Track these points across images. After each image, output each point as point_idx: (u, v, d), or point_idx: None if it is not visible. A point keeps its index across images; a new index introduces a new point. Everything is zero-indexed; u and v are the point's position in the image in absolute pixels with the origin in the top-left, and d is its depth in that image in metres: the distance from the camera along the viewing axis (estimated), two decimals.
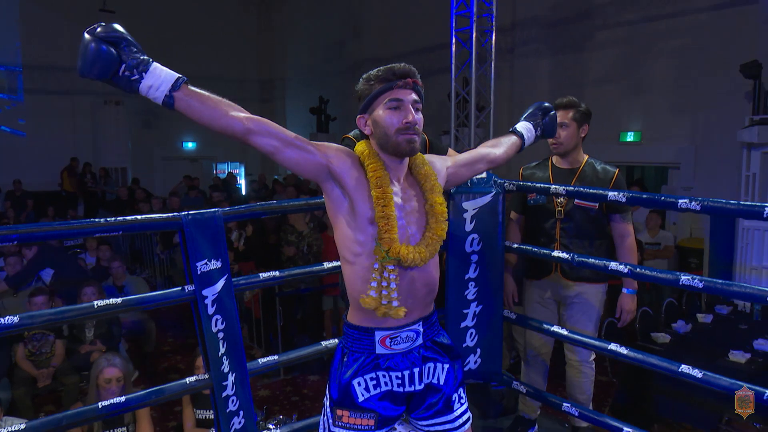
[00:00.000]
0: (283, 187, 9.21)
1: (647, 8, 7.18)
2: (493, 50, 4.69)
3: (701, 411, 3.70)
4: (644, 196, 2.08)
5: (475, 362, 2.49)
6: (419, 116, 1.55)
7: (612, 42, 7.63)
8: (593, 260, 2.17)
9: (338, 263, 2.19)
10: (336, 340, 2.19)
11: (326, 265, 2.16)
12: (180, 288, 1.87)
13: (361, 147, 1.61)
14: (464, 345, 2.49)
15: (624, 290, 2.55)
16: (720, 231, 5.76)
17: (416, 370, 1.60)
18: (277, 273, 2.06)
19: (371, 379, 1.57)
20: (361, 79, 1.61)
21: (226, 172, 14.75)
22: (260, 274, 2.04)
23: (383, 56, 11.13)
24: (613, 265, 2.08)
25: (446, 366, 1.65)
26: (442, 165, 1.76)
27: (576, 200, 2.54)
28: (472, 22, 4.51)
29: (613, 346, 2.13)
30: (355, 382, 1.56)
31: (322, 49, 12.94)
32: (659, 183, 7.91)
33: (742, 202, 1.76)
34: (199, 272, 1.85)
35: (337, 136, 2.77)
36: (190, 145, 15.17)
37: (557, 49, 8.26)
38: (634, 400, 3.89)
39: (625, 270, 2.02)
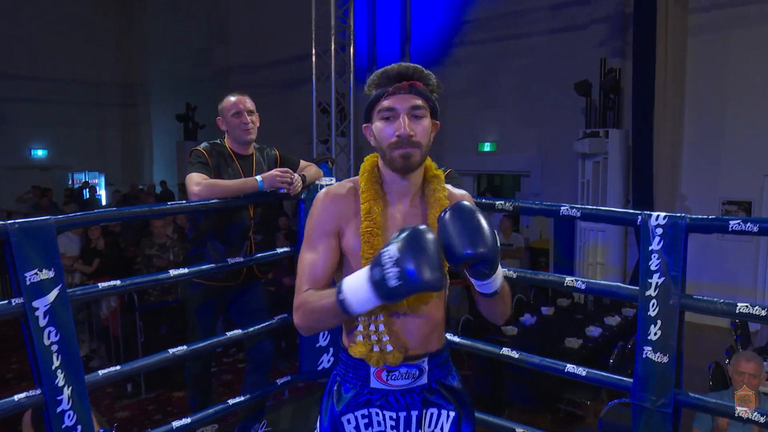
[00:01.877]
0: (146, 195, 8.76)
1: (497, 29, 7.79)
2: (352, 62, 4.86)
3: (544, 394, 4.11)
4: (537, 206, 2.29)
5: (329, 361, 2.58)
6: (420, 125, 1.31)
7: (468, 59, 8.17)
8: None
9: (181, 271, 2.18)
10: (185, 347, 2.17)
11: (172, 272, 2.13)
12: (6, 301, 1.76)
13: (365, 164, 1.43)
14: (317, 345, 2.57)
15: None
16: (562, 232, 6.41)
17: (414, 414, 1.37)
18: (118, 282, 2.00)
19: (363, 416, 1.38)
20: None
21: (83, 182, 13.70)
22: (99, 284, 1.97)
23: (252, 63, 11.00)
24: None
25: (452, 414, 1.40)
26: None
27: None
28: (330, 34, 4.65)
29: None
30: (344, 419, 1.39)
31: (189, 55, 12.49)
32: (514, 189, 8.60)
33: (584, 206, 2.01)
34: (28, 283, 1.76)
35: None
36: (40, 152, 13.87)
37: (419, 63, 8.66)
38: (488, 389, 4.21)
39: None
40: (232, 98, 2.59)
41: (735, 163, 5.96)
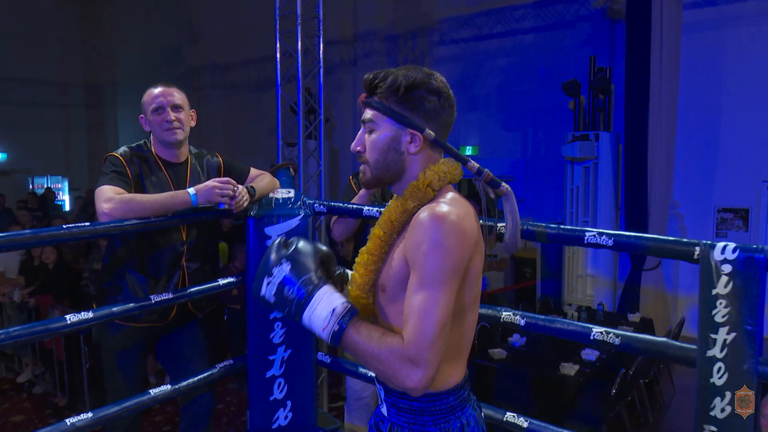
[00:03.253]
0: None
1: (480, 27, 7.40)
2: (321, 60, 4.39)
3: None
4: (534, 226, 1.83)
5: (286, 417, 2.11)
6: (373, 138, 1.21)
7: (449, 58, 7.78)
8: None
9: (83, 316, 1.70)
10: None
11: (69, 318, 1.65)
12: None
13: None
14: (271, 398, 2.09)
15: None
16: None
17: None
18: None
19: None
20: None
21: (45, 187, 13.01)
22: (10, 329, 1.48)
23: (222, 62, 10.48)
24: (506, 314, 1.81)
25: None
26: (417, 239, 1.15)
27: None
28: (298, 31, 4.18)
29: None
30: None
31: (158, 54, 11.90)
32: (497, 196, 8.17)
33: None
34: None
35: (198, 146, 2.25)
36: None
37: (397, 62, 8.28)
38: None
39: (522, 321, 1.77)
40: (154, 90, 2.11)
41: (731, 168, 5.62)
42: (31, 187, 13.48)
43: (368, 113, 1.21)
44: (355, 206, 2.09)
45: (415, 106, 1.18)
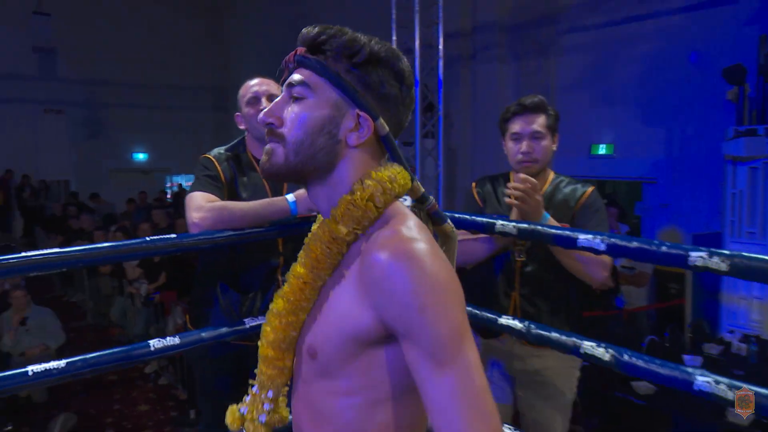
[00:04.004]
0: None
1: (616, 10, 6.64)
2: (441, 55, 4.02)
3: None
4: (633, 244, 1.38)
5: None
6: (301, 110, 0.88)
7: (579, 47, 7.07)
8: (556, 334, 1.49)
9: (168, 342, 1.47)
10: None
11: (152, 344, 1.41)
12: None
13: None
14: None
15: None
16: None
17: None
18: (62, 364, 1.30)
19: None
20: None
21: (178, 184, 13.93)
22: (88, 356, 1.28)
23: None
24: (588, 345, 1.39)
25: None
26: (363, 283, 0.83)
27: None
28: (415, 20, 3.86)
29: None
30: None
31: (276, 56, 12.20)
32: (632, 199, 7.34)
33: None
34: None
35: None
36: (141, 156, 14.27)
37: (520, 54, 7.69)
38: None
39: (606, 356, 1.34)
40: (250, 82, 1.88)
41: None
42: (168, 184, 14.50)
43: (300, 75, 0.89)
44: (487, 220, 1.70)
45: (372, 84, 0.87)
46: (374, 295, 0.79)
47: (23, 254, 1.25)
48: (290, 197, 1.67)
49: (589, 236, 1.41)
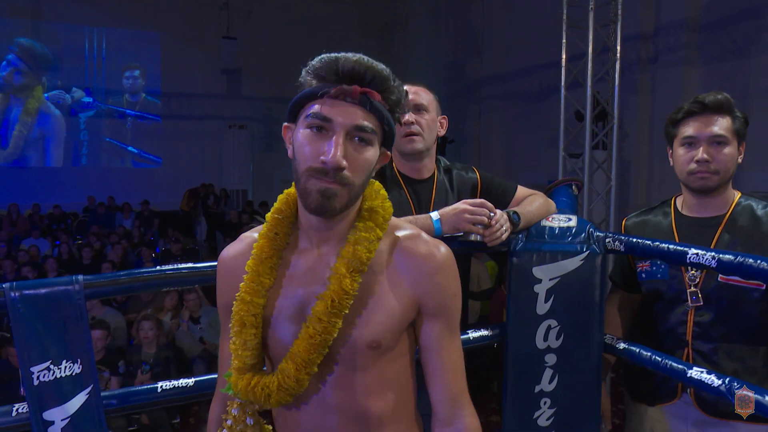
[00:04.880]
0: None
1: None
2: (618, 51, 3.59)
3: None
4: None
5: None
6: (362, 156, 0.94)
7: None
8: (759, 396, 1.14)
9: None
10: None
11: None
12: (9, 406, 1.14)
13: (283, 194, 1.06)
14: None
15: None
16: None
17: None
18: (191, 382, 1.25)
19: None
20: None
21: None
22: (160, 384, 1.24)
23: (503, 72, 10.19)
24: None
25: None
26: (416, 275, 1.02)
27: (721, 275, 1.47)
28: (590, 18, 3.47)
29: None
30: None
31: (443, 69, 12.26)
32: None
33: None
34: (36, 382, 1.12)
35: (451, 159, 1.90)
36: None
37: (712, 56, 6.74)
38: None
39: None
40: None
41: None
42: None
43: (369, 121, 0.94)
44: (673, 247, 1.36)
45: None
46: (423, 285, 1.00)
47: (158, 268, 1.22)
48: (434, 215, 1.49)
49: None
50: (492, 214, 1.45)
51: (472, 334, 1.61)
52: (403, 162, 1.72)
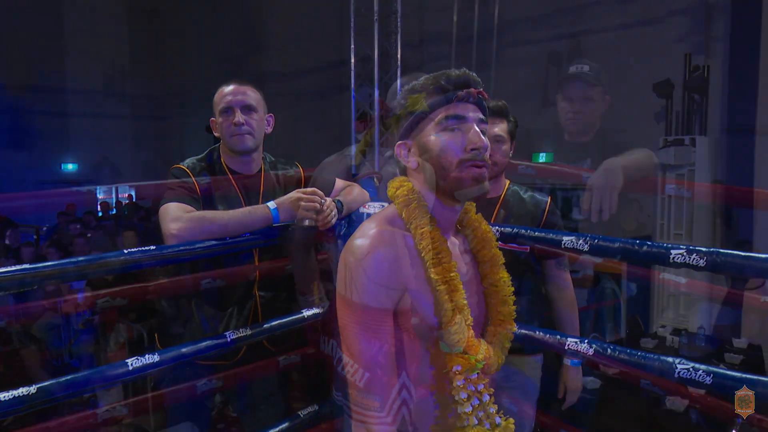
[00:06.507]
0: None
1: (556, 27, 6.97)
2: (399, 50, 4.12)
3: None
4: (616, 244, 1.50)
5: None
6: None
7: (521, 60, 7.37)
8: (539, 332, 1.59)
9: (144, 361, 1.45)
10: None
11: (131, 363, 1.41)
12: None
13: (403, 189, 1.15)
14: None
15: (567, 362, 1.98)
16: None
17: None
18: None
19: None
20: (398, 94, 1.19)
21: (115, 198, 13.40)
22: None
23: (286, 70, 10.44)
24: (572, 342, 1.50)
25: None
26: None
27: (500, 241, 1.94)
28: (376, 32, 3.94)
29: None
30: None
31: (221, 64, 12.02)
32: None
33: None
34: None
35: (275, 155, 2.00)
36: (70, 167, 13.62)
37: (467, 66, 7.91)
38: None
39: (590, 351, 1.46)
40: (225, 89, 1.84)
41: None
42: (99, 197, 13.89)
43: (482, 114, 1.16)
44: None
45: None
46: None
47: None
48: (272, 205, 1.68)
49: (573, 238, 1.53)
50: (323, 201, 1.71)
51: (307, 313, 1.86)
52: (233, 158, 1.86)
